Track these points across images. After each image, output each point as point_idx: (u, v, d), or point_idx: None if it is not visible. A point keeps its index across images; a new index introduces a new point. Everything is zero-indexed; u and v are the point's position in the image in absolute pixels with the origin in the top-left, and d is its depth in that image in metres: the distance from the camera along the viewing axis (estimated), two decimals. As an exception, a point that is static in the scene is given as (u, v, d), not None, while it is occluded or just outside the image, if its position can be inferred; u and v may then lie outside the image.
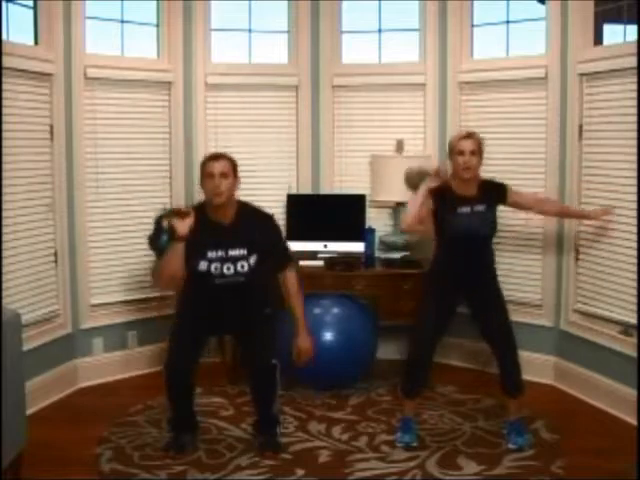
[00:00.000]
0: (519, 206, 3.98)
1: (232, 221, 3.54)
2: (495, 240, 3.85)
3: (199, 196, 4.66)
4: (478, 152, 3.67)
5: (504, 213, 4.27)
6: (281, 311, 3.73)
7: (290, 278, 3.67)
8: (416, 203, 3.67)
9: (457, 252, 3.70)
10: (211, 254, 3.48)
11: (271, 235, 3.64)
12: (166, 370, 3.63)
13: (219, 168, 3.48)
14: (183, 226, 3.35)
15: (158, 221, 3.46)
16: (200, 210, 3.52)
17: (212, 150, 4.94)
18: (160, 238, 3.43)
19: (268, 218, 3.67)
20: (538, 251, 4.65)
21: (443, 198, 3.69)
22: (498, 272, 3.84)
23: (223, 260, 3.50)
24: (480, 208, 3.68)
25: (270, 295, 3.73)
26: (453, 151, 3.69)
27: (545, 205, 4.18)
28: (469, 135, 3.71)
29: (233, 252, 3.51)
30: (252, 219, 3.60)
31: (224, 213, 3.52)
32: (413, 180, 3.98)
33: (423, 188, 3.68)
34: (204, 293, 3.58)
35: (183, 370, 3.61)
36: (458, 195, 3.69)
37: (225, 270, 3.51)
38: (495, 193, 3.77)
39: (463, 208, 3.66)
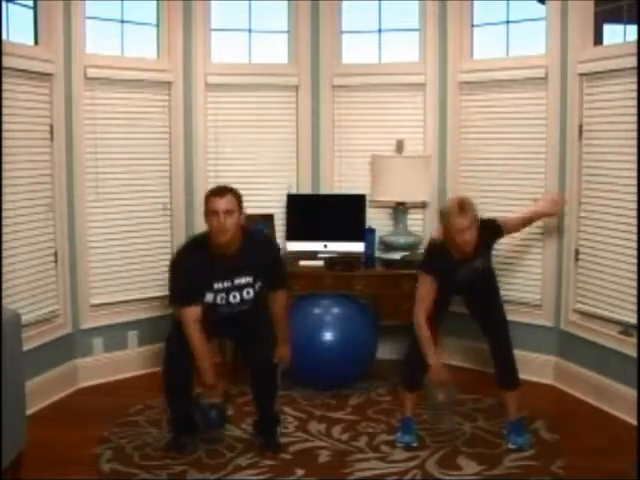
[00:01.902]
0: (510, 233, 4.04)
1: (237, 250, 3.51)
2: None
3: (198, 196, 4.69)
4: (474, 223, 3.52)
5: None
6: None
7: (281, 298, 3.71)
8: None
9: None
10: (217, 285, 3.48)
11: (272, 259, 3.66)
12: (164, 376, 3.66)
13: (224, 205, 3.39)
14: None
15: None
16: (204, 241, 3.50)
17: (211, 150, 4.99)
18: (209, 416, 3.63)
19: (269, 243, 3.75)
20: (538, 251, 4.65)
21: (440, 264, 3.62)
22: (498, 272, 3.85)
23: (229, 290, 3.51)
24: (477, 263, 3.66)
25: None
26: (450, 229, 3.50)
27: (520, 225, 4.16)
28: (462, 210, 3.47)
29: (239, 280, 3.52)
30: (255, 246, 3.57)
31: (229, 245, 3.48)
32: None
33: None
34: (209, 322, 3.56)
35: (182, 375, 3.61)
36: (455, 260, 3.62)
37: (231, 299, 3.53)
38: (490, 238, 3.73)
39: (461, 270, 3.64)
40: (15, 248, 4.07)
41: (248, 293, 3.54)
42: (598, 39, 4.39)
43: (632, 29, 4.08)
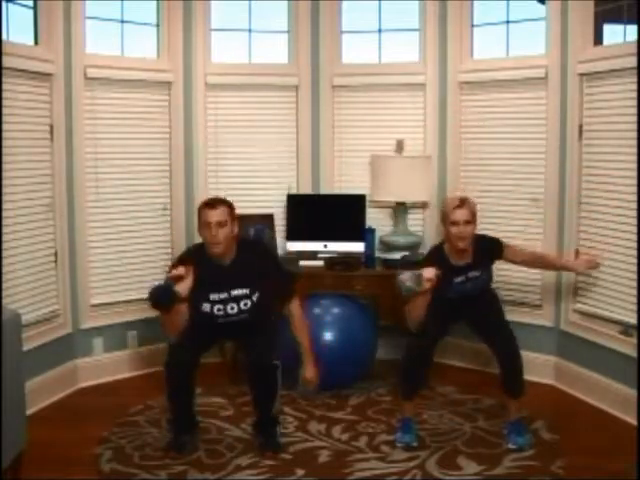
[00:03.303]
0: (513, 262, 3.97)
1: (232, 260, 3.55)
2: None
3: (198, 196, 4.69)
4: (472, 220, 3.61)
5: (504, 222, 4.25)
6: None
7: (295, 309, 3.67)
8: (421, 307, 3.53)
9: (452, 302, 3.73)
10: (214, 296, 3.50)
11: (271, 270, 3.64)
12: (167, 368, 3.64)
13: (216, 217, 3.45)
14: (184, 288, 3.34)
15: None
16: (201, 250, 3.55)
17: (211, 150, 4.98)
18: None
19: (267, 252, 3.72)
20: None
21: (439, 267, 3.59)
22: (498, 271, 3.86)
23: (226, 301, 3.53)
24: (475, 274, 3.68)
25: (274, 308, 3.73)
26: (447, 220, 3.61)
27: (542, 261, 4.14)
28: (462, 203, 3.61)
29: (235, 292, 3.53)
30: (251, 256, 3.59)
31: (224, 255, 3.52)
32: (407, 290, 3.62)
33: (422, 297, 3.50)
34: (206, 328, 3.61)
35: (184, 368, 3.60)
36: (453, 265, 3.65)
37: (229, 310, 3.54)
38: (490, 253, 3.75)
39: (458, 278, 3.66)
40: (15, 248, 4.07)
41: (246, 305, 3.55)
42: (598, 39, 4.39)
43: (632, 29, 4.08)
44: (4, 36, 3.91)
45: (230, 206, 3.53)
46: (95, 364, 4.68)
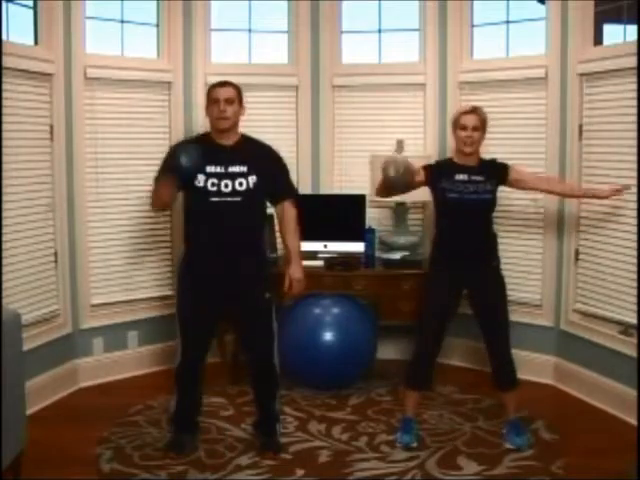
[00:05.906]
0: (521, 184, 3.88)
1: (234, 143, 3.56)
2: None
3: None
4: (481, 128, 3.68)
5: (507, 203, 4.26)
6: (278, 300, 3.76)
7: (290, 212, 3.68)
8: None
9: (455, 227, 3.69)
10: (210, 168, 3.46)
11: (273, 163, 3.63)
12: (182, 358, 3.64)
13: (225, 94, 3.50)
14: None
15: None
16: (203, 133, 3.63)
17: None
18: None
19: (270, 148, 3.66)
20: (538, 251, 4.65)
21: (441, 168, 3.73)
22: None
23: (221, 176, 3.47)
24: (478, 178, 3.67)
25: (269, 278, 3.72)
26: (456, 125, 3.69)
27: (549, 184, 4.13)
28: (473, 110, 3.70)
29: (233, 168, 3.49)
30: (255, 146, 3.62)
31: (227, 137, 3.54)
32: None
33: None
34: (202, 220, 3.50)
35: (196, 366, 3.64)
36: (457, 164, 3.71)
37: (223, 187, 3.47)
38: (496, 170, 3.75)
39: (460, 175, 3.66)
40: (15, 248, 4.07)
41: (241, 184, 3.48)
42: (598, 39, 4.39)
43: (632, 29, 4.08)
44: (4, 36, 3.90)
45: (238, 88, 3.57)
46: (95, 364, 4.68)
